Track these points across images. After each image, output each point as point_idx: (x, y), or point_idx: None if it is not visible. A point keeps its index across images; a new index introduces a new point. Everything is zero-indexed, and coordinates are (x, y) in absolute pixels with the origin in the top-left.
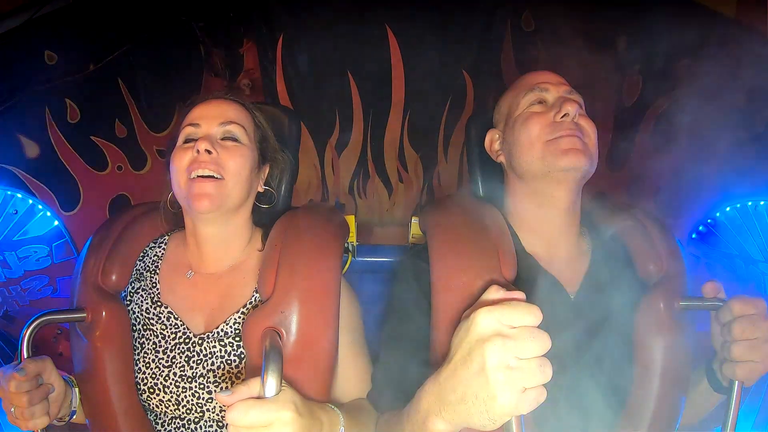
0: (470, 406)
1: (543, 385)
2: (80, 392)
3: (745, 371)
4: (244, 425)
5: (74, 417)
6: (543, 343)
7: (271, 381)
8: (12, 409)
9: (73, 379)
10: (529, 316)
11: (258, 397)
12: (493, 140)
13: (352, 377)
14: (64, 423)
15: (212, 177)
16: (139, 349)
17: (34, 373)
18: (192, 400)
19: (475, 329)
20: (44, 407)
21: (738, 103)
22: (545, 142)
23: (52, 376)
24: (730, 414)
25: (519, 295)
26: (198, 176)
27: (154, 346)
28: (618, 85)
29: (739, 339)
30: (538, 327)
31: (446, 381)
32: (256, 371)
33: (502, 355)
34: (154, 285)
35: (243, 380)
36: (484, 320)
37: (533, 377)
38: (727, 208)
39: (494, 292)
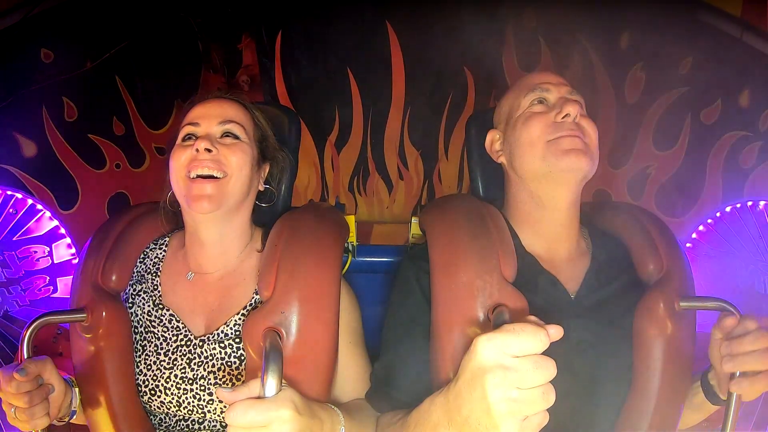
0: (474, 430)
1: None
2: (80, 392)
3: (750, 383)
4: (242, 425)
5: (74, 417)
6: (546, 372)
7: (271, 381)
8: (12, 410)
9: (74, 379)
10: (534, 343)
11: (258, 398)
12: (493, 141)
13: (351, 377)
14: (64, 423)
15: (212, 177)
16: (141, 351)
17: (35, 373)
18: (193, 401)
19: (476, 358)
20: (44, 407)
21: (741, 102)
22: (546, 142)
23: (53, 376)
24: (728, 424)
25: (531, 319)
26: (198, 176)
27: (155, 348)
28: (620, 82)
29: (749, 350)
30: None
31: (454, 400)
32: (256, 372)
33: (504, 388)
34: (155, 287)
35: (243, 382)
36: (484, 349)
37: (535, 406)
38: (727, 208)
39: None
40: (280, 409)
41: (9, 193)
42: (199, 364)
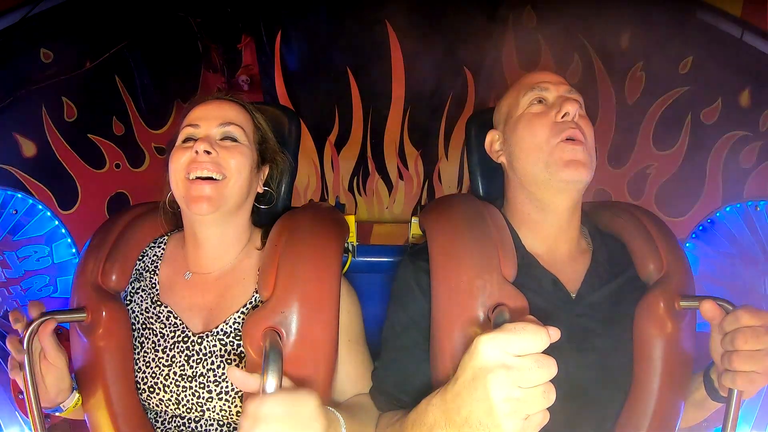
0: (474, 430)
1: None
2: (80, 392)
3: (746, 381)
4: (272, 414)
5: (58, 413)
6: (548, 371)
7: (271, 381)
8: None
9: (74, 383)
10: (535, 342)
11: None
12: (493, 141)
13: (352, 376)
14: (49, 410)
15: (211, 179)
16: (139, 348)
17: (37, 312)
18: (192, 399)
19: (477, 357)
20: (20, 352)
21: (741, 102)
22: (549, 148)
23: (50, 344)
24: (729, 421)
25: (529, 318)
26: (197, 177)
27: (153, 345)
28: (620, 82)
29: (741, 349)
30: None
31: (452, 400)
32: (256, 371)
33: (506, 387)
34: (153, 285)
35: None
36: (486, 349)
37: (537, 405)
38: (727, 208)
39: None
40: (307, 395)
41: (9, 193)
42: (198, 361)
